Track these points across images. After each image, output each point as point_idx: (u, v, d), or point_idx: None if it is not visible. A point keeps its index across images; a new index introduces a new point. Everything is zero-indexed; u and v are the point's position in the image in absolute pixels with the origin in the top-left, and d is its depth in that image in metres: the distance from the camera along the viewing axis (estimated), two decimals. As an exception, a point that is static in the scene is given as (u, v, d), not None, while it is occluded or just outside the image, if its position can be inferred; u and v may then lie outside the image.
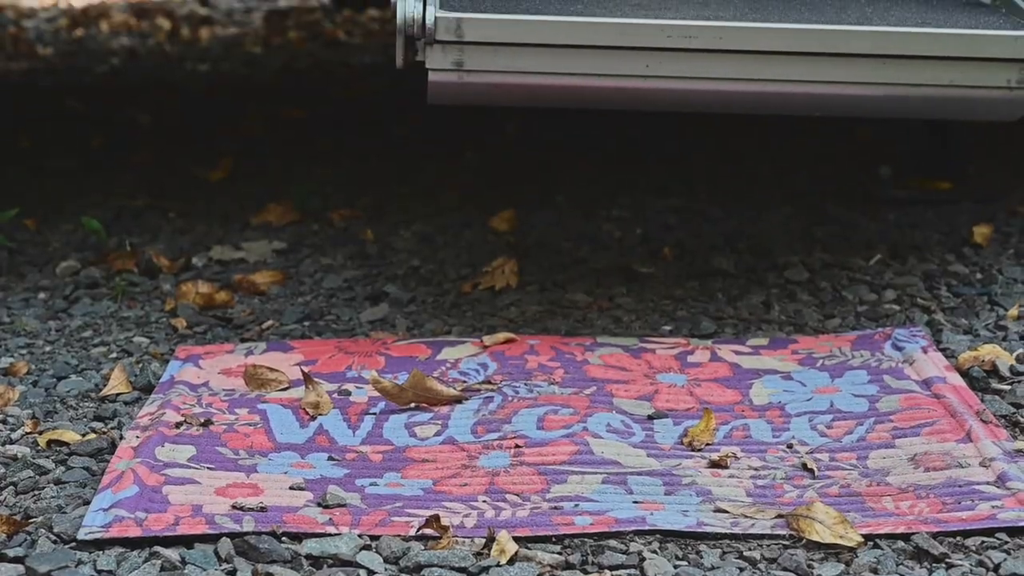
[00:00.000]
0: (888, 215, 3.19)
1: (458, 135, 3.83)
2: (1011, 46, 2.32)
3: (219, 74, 4.86)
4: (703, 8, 2.42)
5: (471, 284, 2.75)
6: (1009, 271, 2.81)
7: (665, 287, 2.75)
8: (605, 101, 2.40)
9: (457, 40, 2.27)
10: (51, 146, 3.70)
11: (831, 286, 2.76)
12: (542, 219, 3.15)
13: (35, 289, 2.73)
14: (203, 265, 2.87)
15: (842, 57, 2.32)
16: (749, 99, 2.38)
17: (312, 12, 6.30)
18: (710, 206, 3.25)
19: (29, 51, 5.23)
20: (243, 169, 3.50)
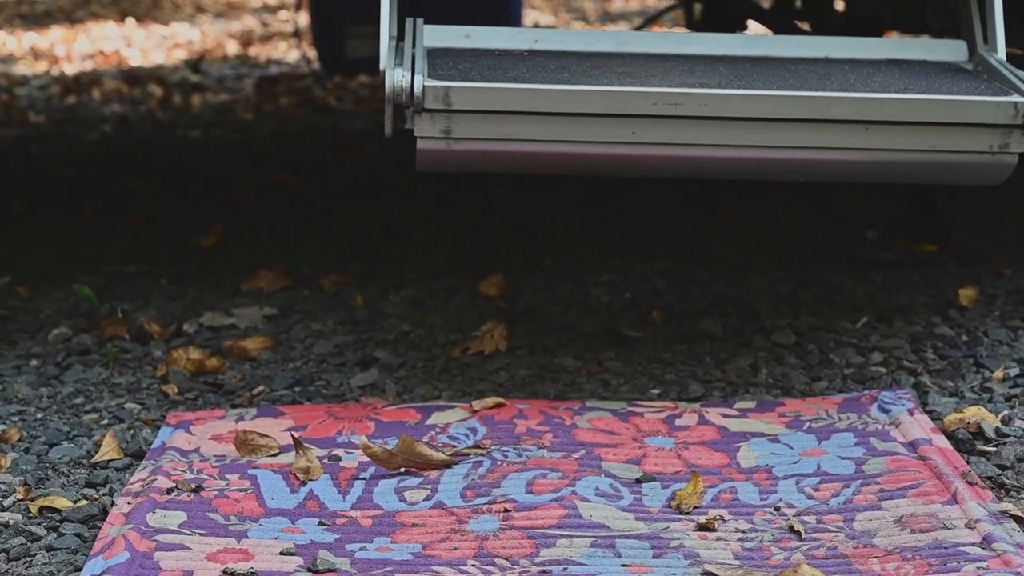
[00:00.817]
0: (874, 278, 3.20)
1: (447, 201, 3.84)
2: (993, 112, 2.33)
3: (211, 140, 4.88)
4: (689, 76, 2.43)
5: (461, 349, 2.75)
6: (995, 333, 2.82)
7: (653, 351, 2.76)
8: (593, 168, 2.41)
9: (445, 108, 2.28)
10: (43, 213, 3.70)
11: (818, 349, 2.77)
12: (531, 284, 3.16)
13: (27, 356, 2.73)
14: (194, 331, 2.88)
15: (826, 123, 2.33)
16: (735, 165, 2.39)
17: (303, 79, 6.32)
18: (697, 270, 3.26)
19: (21, 118, 5.24)
20: (234, 235, 3.51)
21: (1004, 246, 3.44)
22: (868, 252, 3.36)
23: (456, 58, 2.50)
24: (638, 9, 8.52)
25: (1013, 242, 3.48)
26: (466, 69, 2.40)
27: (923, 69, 2.57)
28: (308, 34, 6.69)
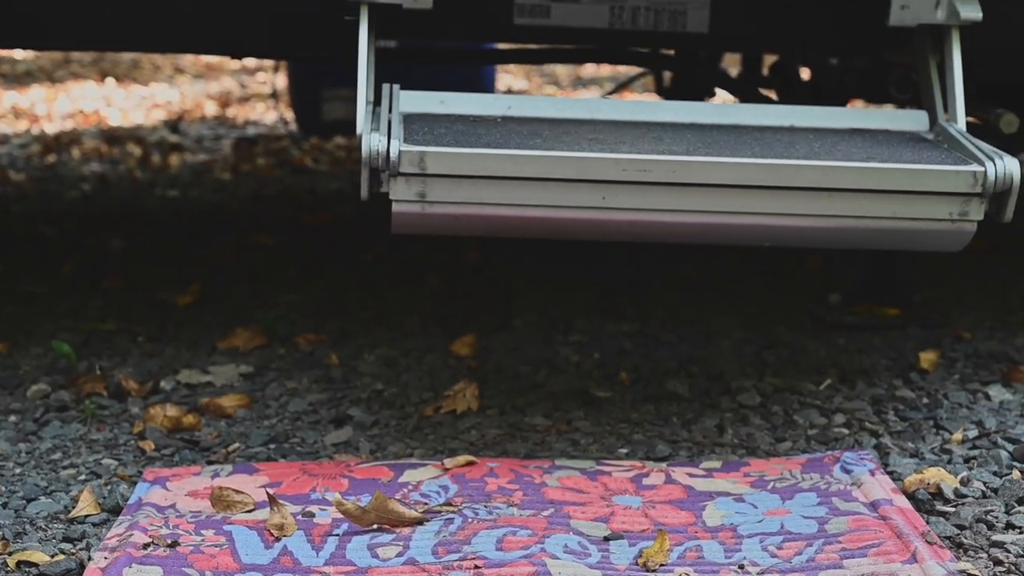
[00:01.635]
0: (837, 340, 3.22)
1: (421, 262, 3.85)
2: (953, 181, 2.36)
3: (189, 200, 4.88)
4: (657, 143, 2.45)
5: (433, 408, 2.76)
6: (954, 396, 2.84)
7: (621, 411, 2.77)
8: (564, 232, 2.41)
9: (420, 173, 2.30)
10: (22, 271, 3.70)
11: (782, 410, 2.78)
12: (502, 344, 3.17)
13: (6, 412, 2.73)
14: (171, 388, 2.87)
15: (791, 190, 2.35)
16: (702, 230, 2.40)
17: (280, 140, 6.34)
18: (664, 332, 3.27)
19: (2, 177, 5.24)
20: (211, 294, 3.51)
21: (964, 310, 3.47)
22: (831, 315, 3.38)
23: (431, 123, 2.51)
24: (609, 74, 8.56)
25: (973, 306, 3.50)
26: (441, 134, 2.41)
27: (885, 138, 2.60)
28: (285, 96, 6.71)
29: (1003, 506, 2.31)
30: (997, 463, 2.50)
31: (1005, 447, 2.58)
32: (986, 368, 3.04)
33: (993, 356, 3.12)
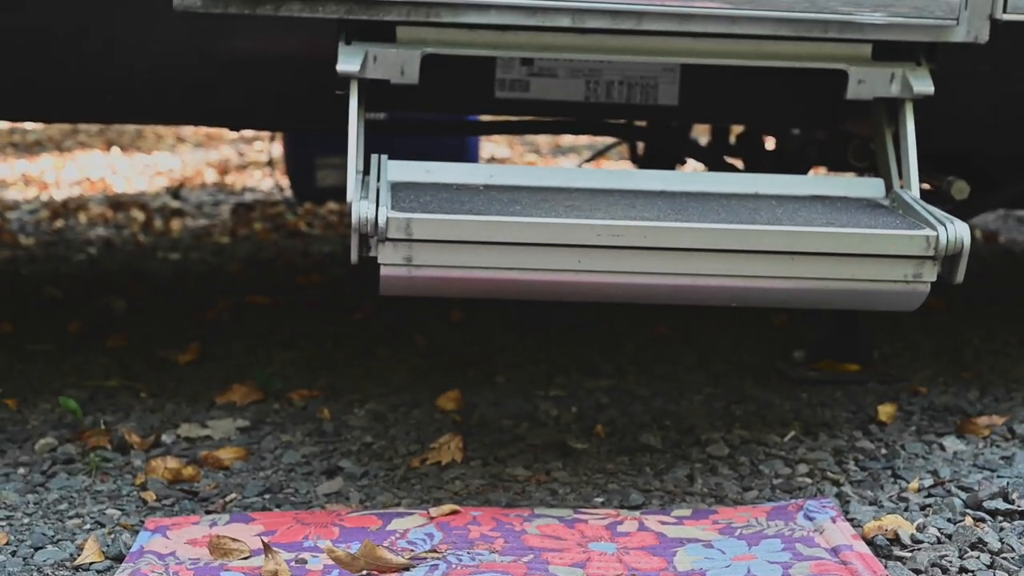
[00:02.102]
0: (801, 395, 3.23)
1: (408, 321, 3.86)
2: (907, 244, 2.37)
3: (189, 263, 4.89)
4: (630, 209, 2.46)
5: (419, 459, 2.76)
6: (911, 447, 2.85)
7: (597, 462, 2.78)
8: (543, 293, 2.42)
9: (407, 238, 2.30)
10: (31, 330, 3.70)
11: (749, 461, 2.79)
12: (485, 399, 3.17)
13: (15, 465, 2.73)
14: (172, 442, 2.87)
15: (755, 254, 2.36)
16: (673, 291, 2.41)
17: (276, 205, 6.35)
18: (638, 387, 3.28)
19: (12, 241, 5.25)
20: (210, 352, 3.52)
21: (920, 366, 3.48)
22: (795, 371, 3.39)
23: (417, 191, 2.53)
24: (587, 143, 8.59)
25: (928, 362, 3.52)
26: (426, 202, 2.43)
27: (844, 204, 2.61)
28: (280, 164, 6.73)
29: (956, 551, 2.31)
30: (951, 510, 2.51)
31: (959, 495, 2.58)
32: (941, 420, 3.05)
33: (947, 409, 3.13)
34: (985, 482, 2.64)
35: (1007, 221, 5.71)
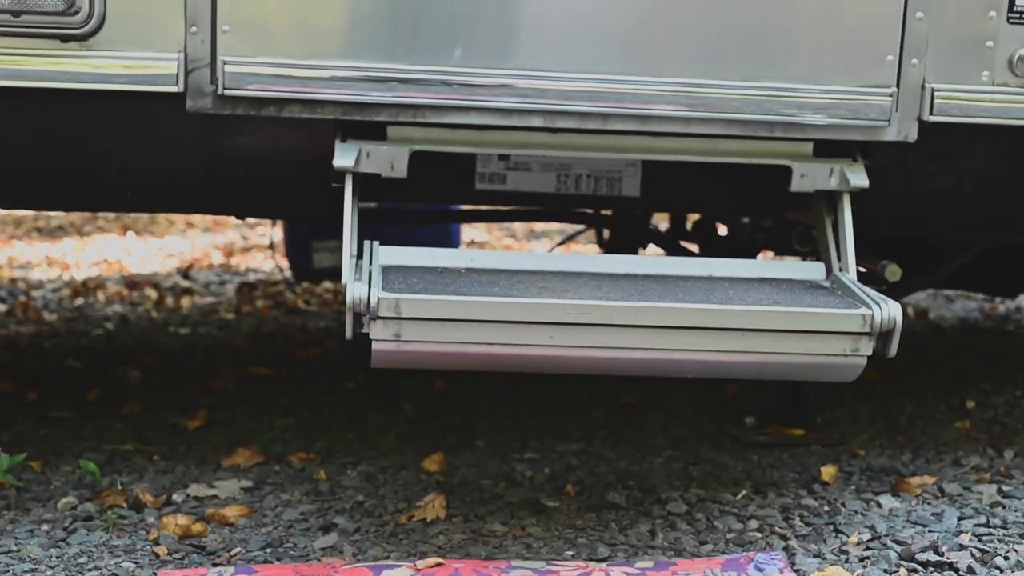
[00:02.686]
0: (752, 457, 3.24)
1: (397, 390, 3.86)
2: (845, 322, 2.39)
3: (197, 337, 4.89)
4: (597, 290, 2.47)
5: (407, 516, 2.76)
6: (851, 504, 2.86)
7: (568, 518, 2.77)
8: (519, 366, 2.42)
9: (396, 316, 2.31)
10: (54, 399, 3.70)
11: (705, 517, 2.79)
12: (466, 461, 3.17)
13: (39, 521, 2.72)
14: (182, 500, 2.87)
15: (709, 330, 2.38)
16: (635, 364, 2.41)
17: (276, 284, 6.36)
18: (605, 450, 3.28)
19: (37, 317, 5.24)
20: (216, 419, 3.52)
21: (858, 430, 3.49)
22: (746, 436, 3.39)
23: (405, 274, 2.53)
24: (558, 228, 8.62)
25: (866, 427, 3.53)
26: (414, 283, 2.44)
27: (789, 286, 2.63)
28: (281, 247, 6.74)
29: (892, 599, 2.33)
30: (887, 562, 2.52)
31: (894, 548, 2.59)
32: (878, 480, 3.06)
33: (883, 470, 3.14)
34: (918, 536, 2.65)
35: (936, 299, 5.74)
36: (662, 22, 2.61)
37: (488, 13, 2.57)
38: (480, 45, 2.58)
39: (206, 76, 2.53)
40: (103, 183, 2.68)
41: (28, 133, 2.59)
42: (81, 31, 2.49)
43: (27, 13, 2.45)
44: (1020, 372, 4.25)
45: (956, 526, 2.74)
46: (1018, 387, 4.03)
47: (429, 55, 2.57)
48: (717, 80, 2.62)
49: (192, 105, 2.54)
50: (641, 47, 2.61)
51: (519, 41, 2.59)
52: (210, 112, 2.55)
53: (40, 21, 2.47)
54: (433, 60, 2.57)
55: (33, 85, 2.49)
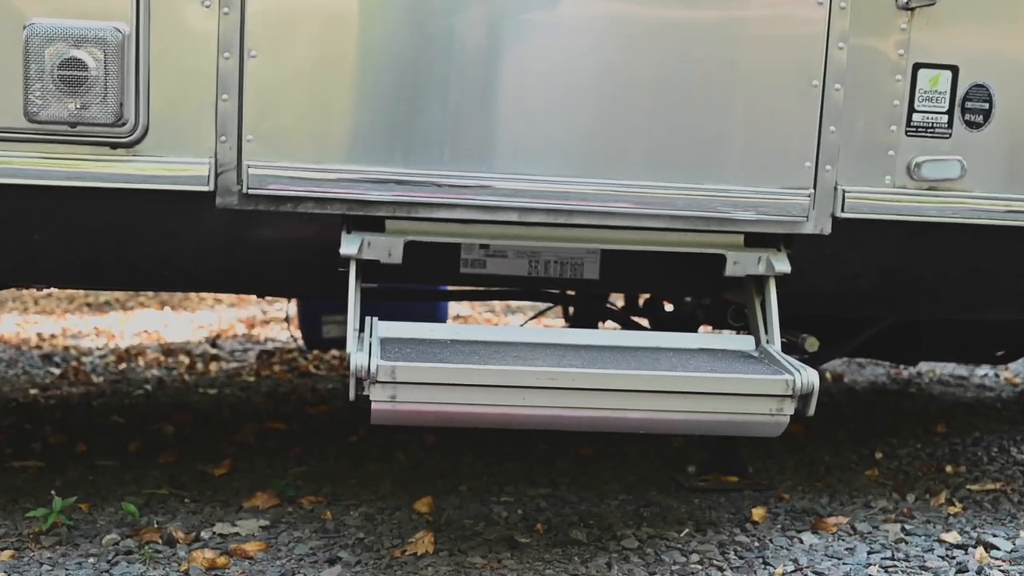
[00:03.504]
0: (693, 500, 3.23)
1: (392, 443, 3.85)
2: (771, 386, 2.40)
3: (223, 396, 4.87)
4: (562, 358, 2.48)
5: (400, 551, 2.75)
6: (777, 540, 2.86)
7: (538, 553, 2.77)
8: (496, 423, 2.42)
9: (392, 381, 2.32)
10: (100, 449, 3.68)
11: (654, 551, 2.79)
12: (451, 503, 3.16)
13: (86, 555, 2.70)
14: (208, 537, 2.85)
15: (657, 393, 2.39)
16: (595, 422, 2.42)
17: (291, 352, 6.33)
18: (568, 494, 3.27)
19: (86, 379, 5.22)
20: (239, 467, 3.50)
21: (784, 477, 3.50)
22: (689, 482, 3.39)
23: (400, 345, 2.54)
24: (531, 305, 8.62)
25: (790, 474, 3.53)
26: (407, 353, 2.44)
27: (724, 356, 2.64)
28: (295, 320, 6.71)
29: (812, 622, 2.32)
30: (808, 590, 2.52)
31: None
32: (800, 520, 3.06)
33: (805, 511, 3.14)
34: (833, 568, 2.65)
35: (850, 365, 5.75)
36: (617, 134, 2.64)
37: (471, 126, 2.60)
38: (464, 152, 2.60)
39: (233, 178, 2.55)
40: (144, 267, 2.68)
41: (81, 224, 2.59)
42: (127, 139, 2.51)
43: (82, 124, 2.47)
44: (921, 428, 4.27)
45: (866, 559, 2.74)
46: (919, 441, 4.05)
47: (421, 160, 2.59)
48: (663, 182, 2.64)
49: (221, 202, 2.55)
50: (600, 155, 2.63)
51: (497, 149, 2.61)
52: (236, 208, 2.57)
53: (93, 131, 2.49)
54: (425, 165, 2.59)
55: (87, 185, 2.51)
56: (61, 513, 2.86)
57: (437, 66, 2.56)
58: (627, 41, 2.60)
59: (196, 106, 2.52)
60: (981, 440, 4.08)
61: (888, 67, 2.70)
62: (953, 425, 4.30)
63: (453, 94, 2.57)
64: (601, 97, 2.61)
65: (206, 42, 2.51)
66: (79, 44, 2.44)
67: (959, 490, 3.39)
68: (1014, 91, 2.75)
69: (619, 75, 2.61)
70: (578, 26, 2.59)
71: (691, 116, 2.64)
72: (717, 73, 2.63)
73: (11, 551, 2.72)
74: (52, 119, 2.46)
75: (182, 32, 2.50)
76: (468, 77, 2.57)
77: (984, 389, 5.14)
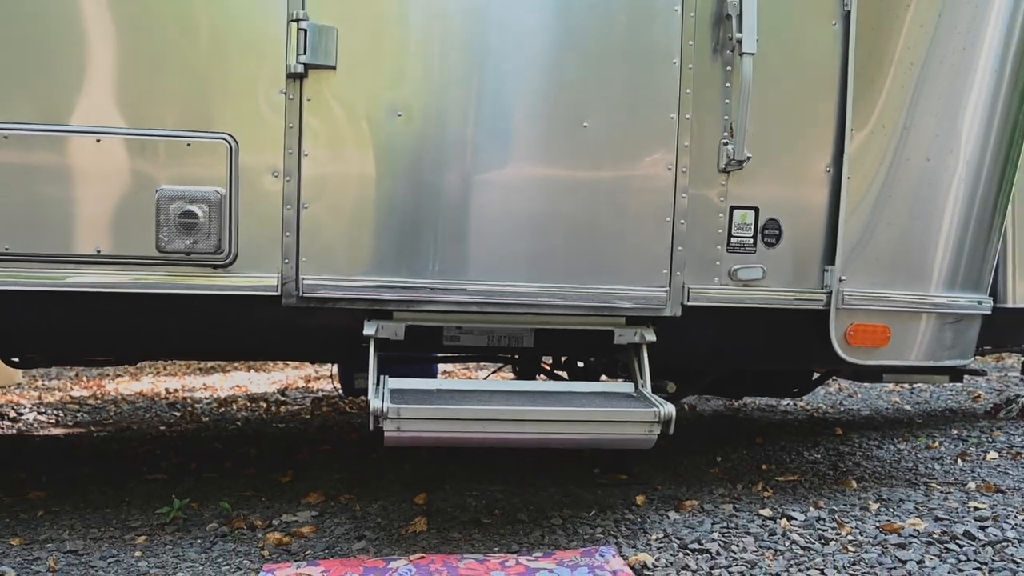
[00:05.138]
0: (598, 491, 3.22)
1: (399, 458, 3.82)
2: (645, 416, 2.42)
3: (289, 429, 4.82)
4: (508, 400, 2.48)
5: (404, 530, 2.72)
6: (652, 518, 2.84)
7: (496, 529, 2.75)
8: (468, 444, 2.41)
9: (397, 417, 2.32)
10: (205, 466, 3.63)
11: (572, 527, 2.76)
12: (438, 497, 3.13)
13: (195, 538, 2.64)
14: (277, 524, 2.81)
15: (571, 422, 2.39)
16: (531, 442, 2.42)
17: (334, 398, 6.28)
18: (517, 489, 3.24)
19: (196, 419, 5.15)
20: (299, 476, 3.46)
21: (656, 475, 3.49)
22: (596, 479, 3.37)
23: (404, 393, 2.54)
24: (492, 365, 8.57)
25: (660, 473, 3.52)
26: (409, 399, 2.44)
27: (614, 396, 2.65)
28: (337, 376, 6.67)
29: (675, 572, 2.32)
30: (671, 550, 2.51)
31: (676, 541, 2.59)
32: (667, 503, 3.05)
33: (670, 497, 3.13)
34: (688, 533, 2.65)
35: (699, 399, 5.78)
36: (545, 255, 2.66)
37: (451, 251, 2.62)
38: (446, 268, 2.62)
39: (293, 286, 2.56)
40: (235, 344, 2.69)
41: (194, 318, 2.60)
42: (224, 263, 2.52)
43: (194, 253, 2.49)
44: (746, 440, 4.28)
45: (711, 528, 2.74)
46: (745, 448, 4.06)
47: (417, 273, 2.61)
48: (574, 285, 2.67)
49: (285, 302, 2.56)
50: (534, 268, 2.65)
51: (468, 266, 2.62)
52: (295, 306, 2.58)
53: (201, 258, 2.50)
54: (420, 276, 2.61)
55: (198, 292, 2.52)
56: (179, 510, 2.83)
57: (429, 211, 2.59)
58: (552, 194, 2.64)
59: (268, 240, 2.54)
60: (784, 447, 4.11)
61: (714, 208, 2.75)
62: (767, 437, 4.33)
63: (440, 230, 2.60)
64: (535, 231, 2.64)
65: (275, 199, 2.54)
66: (192, 201, 2.47)
67: (771, 481, 3.40)
68: (795, 221, 2.81)
69: (547, 217, 2.64)
70: (519, 185, 2.62)
71: (593, 242, 2.67)
72: (611, 213, 2.67)
73: (145, 536, 2.68)
74: (174, 250, 2.47)
75: (259, 193, 2.53)
76: (449, 218, 2.60)
77: (787, 413, 5.17)
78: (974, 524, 2.67)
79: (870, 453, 3.82)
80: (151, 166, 2.44)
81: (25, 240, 2.40)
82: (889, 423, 4.58)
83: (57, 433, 4.51)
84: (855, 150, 2.77)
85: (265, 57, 2.48)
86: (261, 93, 2.48)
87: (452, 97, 2.56)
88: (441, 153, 2.56)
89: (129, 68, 2.42)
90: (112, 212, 2.44)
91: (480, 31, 2.56)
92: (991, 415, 4.53)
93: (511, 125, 2.59)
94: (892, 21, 2.76)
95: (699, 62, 2.67)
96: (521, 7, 2.58)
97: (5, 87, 2.38)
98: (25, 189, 2.39)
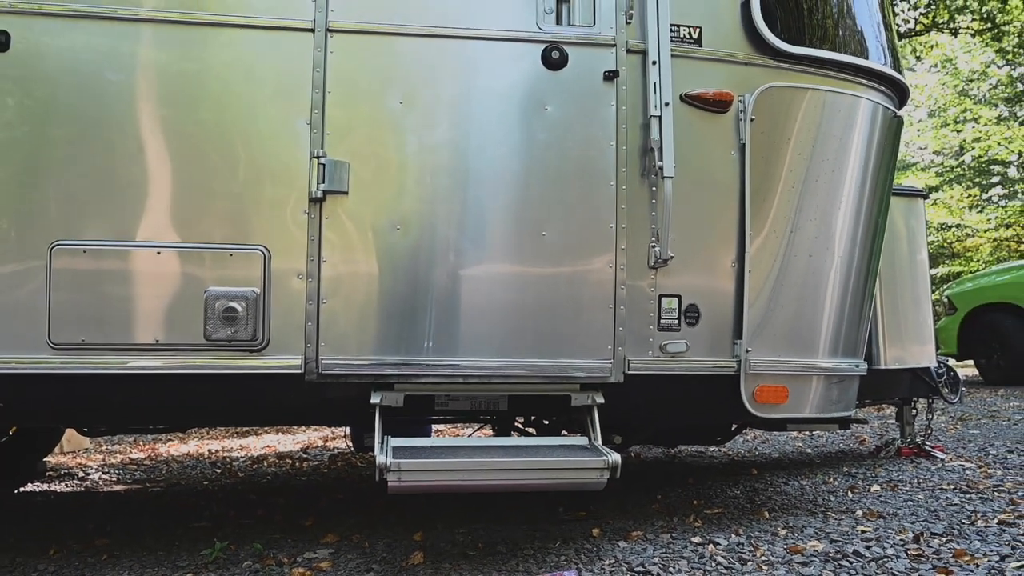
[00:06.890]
0: (562, 526, 3.17)
1: (401, 502, 3.77)
2: (597, 463, 2.42)
3: (311, 481, 4.73)
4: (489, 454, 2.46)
5: (405, 563, 2.68)
6: (605, 547, 2.81)
7: (479, 559, 2.71)
8: (456, 490, 2.40)
9: (398, 469, 2.31)
10: (240, 514, 3.55)
11: (541, 555, 2.72)
12: (432, 534, 3.08)
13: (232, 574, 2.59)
14: (301, 560, 2.76)
15: (538, 470, 2.38)
16: (507, 487, 2.40)
17: (346, 454, 6.18)
18: (495, 526, 3.19)
19: (234, 475, 5.04)
20: (319, 520, 3.39)
21: (608, 512, 3.45)
22: (560, 516, 3.32)
23: (404, 450, 2.52)
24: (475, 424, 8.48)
25: (611, 510, 3.48)
26: (408, 454, 2.43)
27: (572, 448, 2.63)
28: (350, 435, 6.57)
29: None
30: (622, 574, 2.48)
31: (625, 565, 2.55)
32: (618, 534, 3.01)
33: (620, 529, 3.08)
34: (635, 557, 2.62)
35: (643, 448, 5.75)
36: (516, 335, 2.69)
37: (442, 334, 2.65)
38: (438, 348, 2.64)
39: (314, 366, 2.57)
40: (266, 413, 2.67)
41: (234, 393, 2.59)
42: (259, 348, 2.54)
43: (235, 340, 2.50)
44: (680, 480, 4.25)
45: (652, 553, 2.72)
46: (680, 488, 4.03)
47: (414, 352, 2.63)
48: (540, 359, 2.69)
49: (307, 379, 2.57)
50: (508, 347, 2.67)
51: (456, 346, 2.64)
52: (315, 381, 2.58)
53: (240, 344, 2.52)
54: (416, 355, 2.63)
55: (237, 372, 2.52)
56: (220, 551, 2.77)
57: (422, 302, 2.63)
58: (520, 286, 2.68)
59: (294, 329, 2.56)
60: (711, 485, 4.09)
61: (647, 296, 2.79)
62: (697, 478, 4.31)
63: (432, 317, 2.63)
64: (507, 316, 2.67)
65: (299, 296, 2.57)
66: (234, 299, 2.50)
67: (700, 513, 3.38)
68: (710, 305, 2.83)
69: (517, 305, 2.67)
70: (494, 279, 2.66)
71: (553, 324, 2.70)
72: (567, 302, 2.70)
73: (192, 574, 2.61)
74: (219, 339, 2.49)
75: (287, 292, 2.56)
76: (439, 308, 2.63)
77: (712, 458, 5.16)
78: (861, 544, 2.67)
79: (779, 488, 3.82)
80: (200, 271, 2.48)
81: (97, 332, 2.42)
82: (794, 463, 4.59)
83: (118, 489, 4.41)
84: (754, 250, 2.85)
85: (293, 186, 2.55)
86: (289, 213, 2.54)
87: (439, 212, 2.63)
88: (432, 255, 2.61)
89: (183, 195, 2.48)
90: (168, 309, 2.46)
91: (461, 160, 2.65)
92: (874, 455, 4.56)
93: (487, 232, 2.65)
94: (778, 150, 2.89)
95: (631, 184, 2.76)
96: (493, 141, 2.67)
97: (87, 215, 2.43)
98: (98, 292, 2.42)
